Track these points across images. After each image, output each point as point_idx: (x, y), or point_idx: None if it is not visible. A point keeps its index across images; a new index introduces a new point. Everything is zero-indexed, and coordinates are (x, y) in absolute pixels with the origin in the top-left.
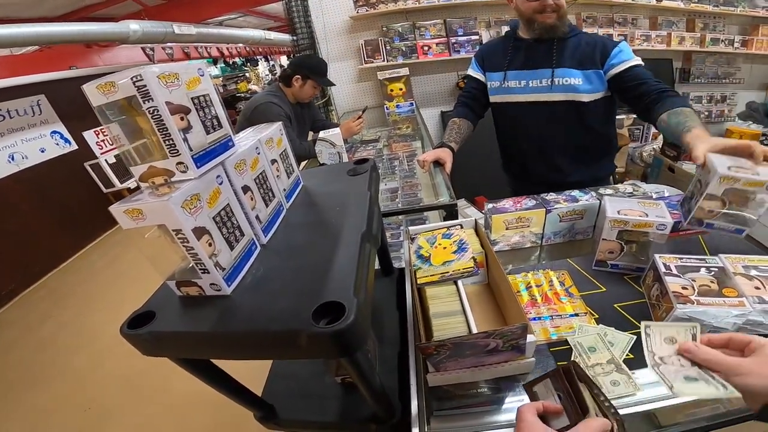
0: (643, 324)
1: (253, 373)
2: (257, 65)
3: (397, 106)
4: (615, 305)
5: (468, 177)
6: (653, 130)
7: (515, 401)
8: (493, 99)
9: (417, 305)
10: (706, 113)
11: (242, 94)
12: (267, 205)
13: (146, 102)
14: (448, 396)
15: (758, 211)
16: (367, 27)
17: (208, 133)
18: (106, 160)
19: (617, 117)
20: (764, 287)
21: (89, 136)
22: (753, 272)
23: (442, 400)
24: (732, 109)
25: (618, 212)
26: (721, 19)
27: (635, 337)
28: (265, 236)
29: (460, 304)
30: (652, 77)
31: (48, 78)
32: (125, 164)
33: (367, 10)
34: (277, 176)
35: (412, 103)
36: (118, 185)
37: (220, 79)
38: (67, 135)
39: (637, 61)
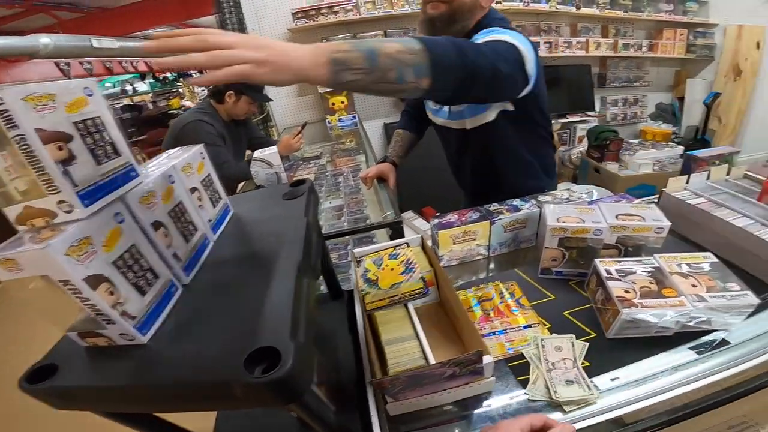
0: (537, 337)
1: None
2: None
3: (340, 120)
4: (564, 313)
5: (415, 188)
6: (579, 133)
7: (482, 411)
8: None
9: (368, 333)
10: (622, 115)
11: (174, 111)
12: (188, 241)
13: (11, 129)
14: (414, 418)
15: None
16: (307, 39)
17: (99, 163)
18: None
19: None
20: (700, 284)
21: None
22: (685, 269)
23: (407, 423)
24: (644, 111)
25: (557, 220)
26: (630, 24)
27: (587, 344)
28: (188, 275)
29: (413, 327)
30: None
31: None
32: None
33: (306, 23)
34: (200, 206)
35: (354, 116)
36: None
37: (150, 95)
38: None
39: (496, 36)
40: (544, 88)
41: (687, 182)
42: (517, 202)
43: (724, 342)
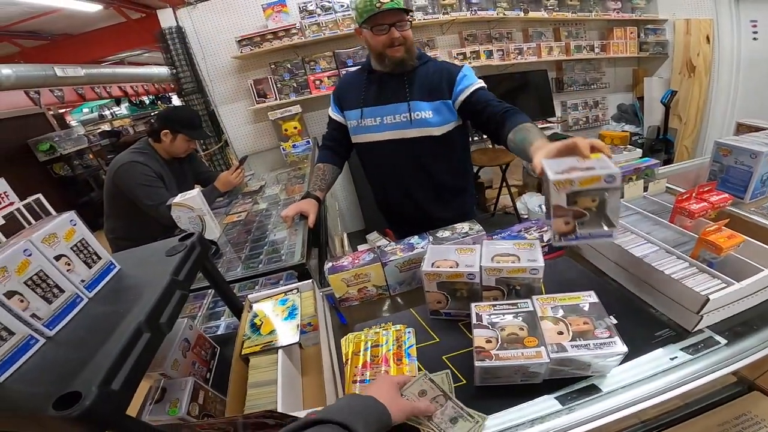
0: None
1: None
2: (170, 103)
3: (294, 146)
4: (443, 357)
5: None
6: None
7: None
8: (354, 139)
9: (234, 377)
10: (584, 119)
11: None
12: (50, 302)
13: None
14: None
15: (614, 208)
16: (256, 66)
17: None
18: None
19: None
20: (568, 331)
21: None
22: (560, 313)
23: None
24: (605, 113)
25: (432, 264)
26: (581, 25)
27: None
28: (51, 329)
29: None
30: (495, 98)
31: None
32: None
33: (251, 50)
34: (69, 270)
35: (308, 141)
36: None
37: (129, 119)
38: None
39: (480, 84)
40: None
41: None
42: (414, 239)
43: (594, 389)
